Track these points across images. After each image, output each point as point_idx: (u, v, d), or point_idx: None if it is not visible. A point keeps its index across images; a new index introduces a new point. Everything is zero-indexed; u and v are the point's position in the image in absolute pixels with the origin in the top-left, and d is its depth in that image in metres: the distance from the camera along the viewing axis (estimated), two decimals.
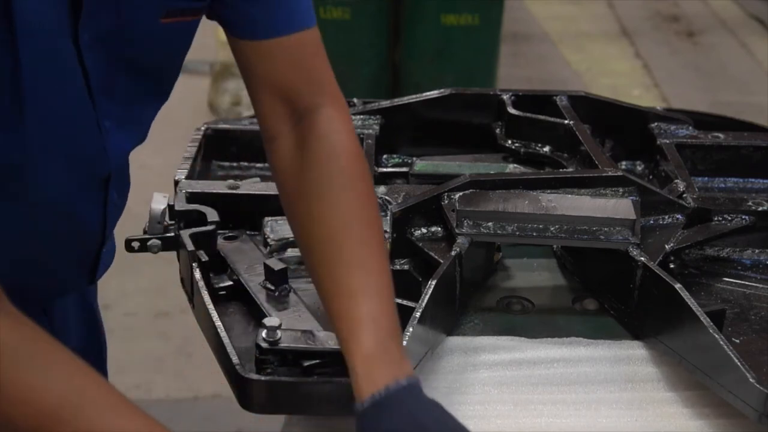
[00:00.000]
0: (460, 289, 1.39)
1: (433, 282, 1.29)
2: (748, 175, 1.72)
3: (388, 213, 1.44)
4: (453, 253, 1.36)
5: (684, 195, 1.53)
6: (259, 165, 1.73)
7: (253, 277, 1.38)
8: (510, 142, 1.77)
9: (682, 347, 1.29)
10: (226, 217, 1.46)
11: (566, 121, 1.72)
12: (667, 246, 1.43)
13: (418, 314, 1.24)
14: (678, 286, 1.29)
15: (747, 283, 1.48)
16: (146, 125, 1.28)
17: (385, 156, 1.80)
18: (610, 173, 1.50)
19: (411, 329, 1.22)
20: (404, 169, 1.77)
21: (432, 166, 1.74)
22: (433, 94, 1.82)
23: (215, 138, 1.72)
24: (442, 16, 4.16)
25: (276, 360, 1.18)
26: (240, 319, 1.35)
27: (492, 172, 1.65)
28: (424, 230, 1.44)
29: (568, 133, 1.70)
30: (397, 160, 1.81)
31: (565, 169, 1.66)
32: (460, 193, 1.43)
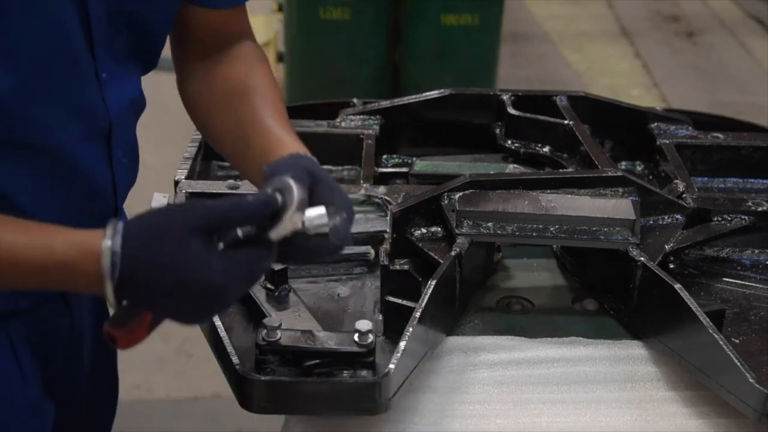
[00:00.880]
0: (460, 289, 1.39)
1: (433, 282, 1.29)
2: (747, 175, 1.73)
3: (388, 213, 1.44)
4: (453, 253, 1.36)
5: (683, 195, 1.54)
6: None
7: None
8: (510, 142, 1.77)
9: (681, 347, 1.30)
10: None
11: (566, 122, 1.72)
12: (666, 246, 1.43)
13: (418, 314, 1.24)
14: (678, 286, 1.29)
15: (746, 283, 1.48)
16: (139, 85, 1.34)
17: (385, 156, 1.81)
18: (609, 173, 1.50)
19: (411, 329, 1.22)
20: (404, 169, 1.77)
21: (432, 166, 1.74)
22: (433, 94, 1.83)
23: None
24: (442, 16, 4.15)
25: (276, 360, 1.18)
26: (240, 319, 1.35)
27: (492, 172, 1.65)
28: (423, 230, 1.44)
29: (568, 134, 1.70)
30: (397, 160, 1.81)
31: (564, 170, 1.66)
32: (460, 193, 1.43)
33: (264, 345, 1.18)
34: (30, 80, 1.14)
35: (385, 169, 1.78)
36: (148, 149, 1.45)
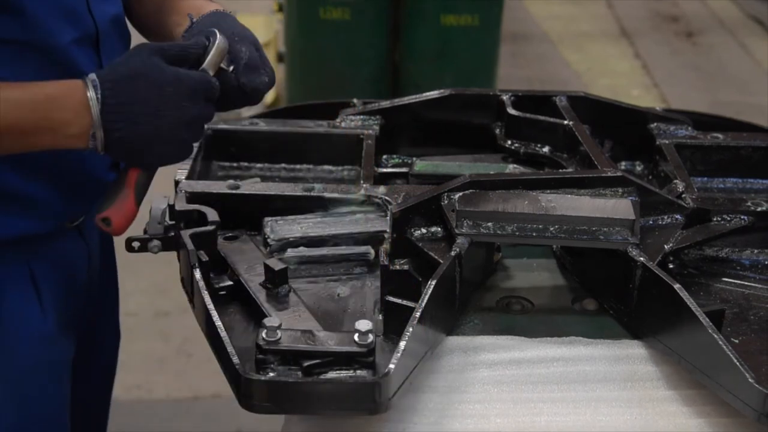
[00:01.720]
0: (460, 289, 1.39)
1: (433, 282, 1.29)
2: (747, 175, 1.73)
3: (388, 213, 1.44)
4: (453, 253, 1.36)
5: (683, 195, 1.54)
6: (259, 165, 1.74)
7: (253, 277, 1.38)
8: (510, 142, 1.77)
9: (681, 347, 1.30)
10: (227, 217, 1.47)
11: (566, 122, 1.72)
12: (666, 246, 1.43)
13: (418, 314, 1.24)
14: (677, 286, 1.30)
15: (746, 283, 1.48)
16: (120, 7, 1.54)
17: (385, 156, 1.81)
18: (609, 173, 1.50)
19: (411, 329, 1.22)
20: (404, 170, 1.77)
21: (432, 167, 1.74)
22: (433, 94, 1.83)
23: (215, 138, 1.73)
24: (442, 16, 4.16)
25: (276, 360, 1.18)
26: (240, 319, 1.35)
27: (492, 172, 1.65)
28: (423, 230, 1.44)
29: (568, 134, 1.70)
30: (397, 160, 1.81)
31: (564, 170, 1.66)
32: (460, 194, 1.44)
33: (264, 345, 1.18)
34: None
35: (385, 169, 1.78)
36: None
